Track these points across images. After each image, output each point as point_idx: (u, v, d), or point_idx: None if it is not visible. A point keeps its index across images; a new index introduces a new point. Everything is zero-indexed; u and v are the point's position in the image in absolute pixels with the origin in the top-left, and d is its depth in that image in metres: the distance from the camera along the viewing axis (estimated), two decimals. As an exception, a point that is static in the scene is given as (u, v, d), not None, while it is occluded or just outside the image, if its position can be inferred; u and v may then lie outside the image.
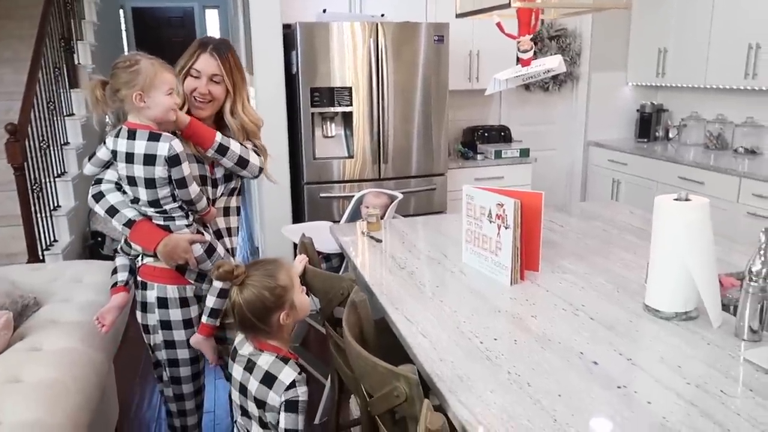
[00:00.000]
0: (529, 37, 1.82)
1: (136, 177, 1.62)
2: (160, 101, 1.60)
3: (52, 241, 3.71)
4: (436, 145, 3.76)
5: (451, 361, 1.29)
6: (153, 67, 1.60)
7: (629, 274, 1.79)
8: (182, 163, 1.63)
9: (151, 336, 1.80)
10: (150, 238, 1.67)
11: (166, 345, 1.78)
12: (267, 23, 3.43)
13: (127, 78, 1.57)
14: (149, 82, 1.57)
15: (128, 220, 1.68)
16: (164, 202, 1.66)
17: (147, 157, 1.60)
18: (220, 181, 1.83)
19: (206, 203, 1.76)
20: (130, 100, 1.58)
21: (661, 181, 4.01)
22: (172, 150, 1.60)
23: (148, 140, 1.60)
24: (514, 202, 1.65)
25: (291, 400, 1.42)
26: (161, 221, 1.69)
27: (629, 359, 1.28)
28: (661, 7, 4.25)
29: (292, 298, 1.49)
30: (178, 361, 1.81)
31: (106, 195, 1.70)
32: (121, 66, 1.58)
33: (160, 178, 1.61)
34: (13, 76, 4.64)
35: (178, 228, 1.69)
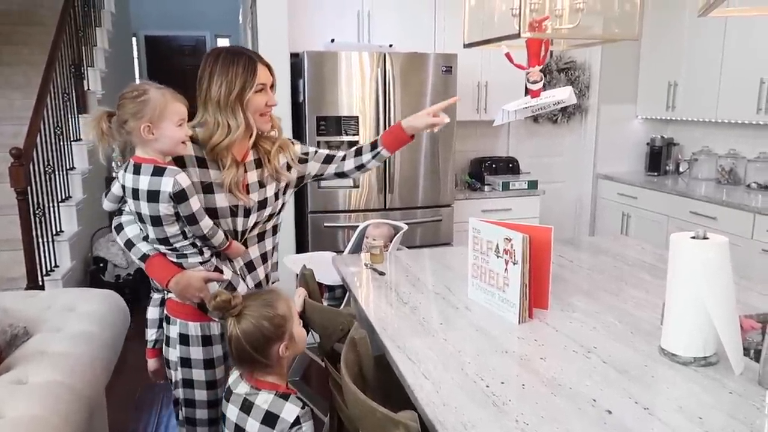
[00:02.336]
0: (538, 68, 1.78)
1: (143, 214, 1.53)
2: (170, 133, 1.50)
3: (53, 266, 3.67)
4: (443, 175, 3.71)
5: (454, 407, 1.21)
6: (163, 97, 1.50)
7: (642, 314, 1.71)
8: (190, 198, 1.51)
9: (172, 372, 1.70)
10: (162, 275, 1.58)
11: (185, 383, 1.68)
12: (275, 51, 3.42)
13: (135, 108, 1.47)
14: (159, 113, 1.48)
15: (143, 255, 1.60)
16: (174, 240, 1.56)
17: (151, 194, 1.49)
18: (254, 209, 1.69)
19: (224, 237, 1.62)
20: (137, 132, 1.48)
21: (672, 215, 3.93)
22: (177, 185, 1.48)
23: (152, 175, 1.49)
24: (523, 237, 1.59)
25: None
26: (174, 258, 1.59)
27: (646, 408, 1.20)
28: (672, 40, 4.23)
29: (291, 329, 1.44)
30: (195, 402, 1.70)
31: (125, 227, 1.62)
32: (129, 96, 1.49)
33: (165, 216, 1.50)
34: (23, 101, 4.67)
35: (191, 265, 1.59)
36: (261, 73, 1.61)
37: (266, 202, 1.72)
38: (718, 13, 1.48)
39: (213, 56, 1.62)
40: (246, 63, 1.59)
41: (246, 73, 1.58)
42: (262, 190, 1.71)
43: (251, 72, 1.59)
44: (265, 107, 1.65)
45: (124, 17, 6.78)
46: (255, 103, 1.62)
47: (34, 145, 3.54)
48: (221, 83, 1.57)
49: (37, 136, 3.59)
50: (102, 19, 5.64)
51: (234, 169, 1.62)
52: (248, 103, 1.60)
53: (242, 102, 1.59)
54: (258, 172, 1.71)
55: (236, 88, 1.57)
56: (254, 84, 1.59)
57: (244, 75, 1.58)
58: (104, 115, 1.50)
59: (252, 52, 1.66)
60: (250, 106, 1.60)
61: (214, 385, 1.70)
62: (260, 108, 1.64)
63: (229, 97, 1.57)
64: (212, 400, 1.70)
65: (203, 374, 1.67)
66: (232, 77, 1.57)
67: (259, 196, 1.70)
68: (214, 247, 1.61)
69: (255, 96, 1.61)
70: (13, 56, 5.15)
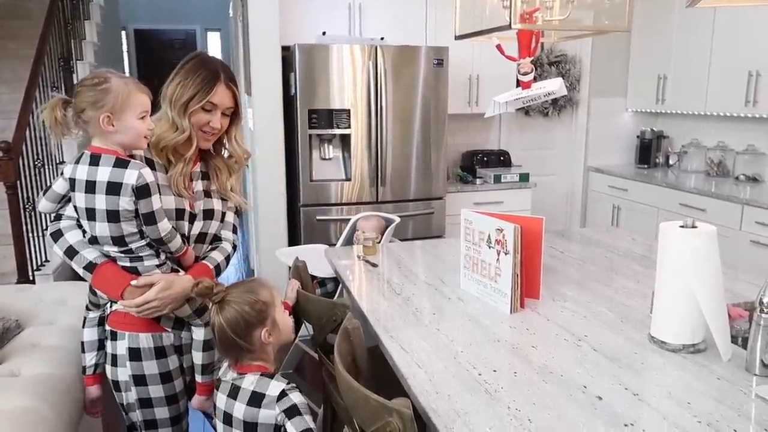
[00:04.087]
0: (529, 59, 1.79)
1: (97, 209, 1.41)
2: (132, 125, 1.41)
3: (44, 261, 3.64)
4: (435, 168, 3.72)
5: (447, 395, 1.22)
6: (126, 87, 1.40)
7: (633, 303, 1.73)
8: (152, 195, 1.43)
9: (123, 394, 1.57)
10: (114, 284, 1.47)
11: (141, 404, 1.55)
12: (266, 45, 3.42)
13: (95, 97, 1.37)
14: (120, 104, 1.38)
15: (89, 263, 1.46)
16: (129, 240, 1.45)
17: (111, 186, 1.39)
18: (199, 217, 1.62)
19: (180, 242, 1.54)
20: (96, 122, 1.38)
21: (662, 207, 3.96)
22: (141, 179, 1.40)
23: (113, 167, 1.39)
24: (514, 227, 1.60)
25: (288, 407, 1.34)
26: (127, 262, 1.48)
27: (635, 394, 1.22)
28: (661, 33, 4.26)
29: (274, 315, 1.44)
30: (156, 422, 1.59)
31: (64, 234, 1.49)
32: (88, 83, 1.39)
33: (125, 211, 1.41)
34: (10, 95, 4.63)
35: (147, 269, 1.49)
36: (218, 94, 1.56)
37: (212, 214, 1.66)
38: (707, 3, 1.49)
39: (188, 57, 1.60)
40: (207, 77, 1.55)
41: (202, 85, 1.54)
42: (209, 200, 1.66)
43: (208, 88, 1.54)
44: (206, 126, 1.58)
45: (113, 10, 6.72)
46: (197, 120, 1.56)
47: (24, 139, 3.51)
48: (178, 84, 1.55)
49: (26, 130, 3.56)
50: (91, 12, 5.58)
51: (181, 164, 1.56)
52: (191, 114, 1.55)
53: (186, 112, 1.54)
54: (204, 183, 1.67)
55: (186, 96, 1.53)
56: (204, 100, 1.54)
57: (198, 87, 1.54)
58: (59, 102, 1.40)
59: (225, 71, 1.60)
60: (192, 118, 1.55)
61: (174, 400, 1.60)
62: (200, 124, 1.58)
63: (179, 101, 1.54)
64: (174, 416, 1.61)
65: (161, 389, 1.56)
66: (189, 84, 1.54)
67: (205, 205, 1.65)
68: (169, 252, 1.54)
69: (200, 111, 1.56)
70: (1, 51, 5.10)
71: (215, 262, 1.66)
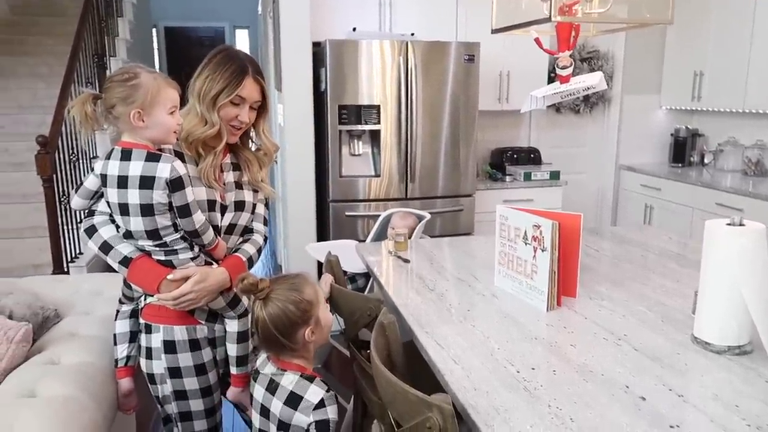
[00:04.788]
0: (568, 53, 1.76)
1: (130, 204, 1.41)
2: (162, 121, 1.41)
3: (77, 253, 3.71)
4: (464, 165, 3.69)
5: (486, 391, 1.20)
6: (155, 82, 1.40)
7: (672, 303, 1.69)
8: (186, 187, 1.43)
9: (159, 387, 1.58)
10: (150, 278, 1.48)
11: (176, 396, 1.57)
12: (297, 41, 3.42)
13: (125, 93, 1.37)
14: (150, 99, 1.38)
15: (124, 258, 1.47)
16: (164, 233, 1.45)
17: (144, 180, 1.39)
18: (230, 208, 1.63)
19: (213, 234, 1.54)
20: (126, 118, 1.38)
21: (697, 207, 3.87)
22: (174, 172, 1.40)
23: (145, 161, 1.40)
24: (552, 223, 1.57)
25: (321, 420, 1.35)
26: (162, 256, 1.48)
27: (680, 395, 1.18)
28: (698, 28, 4.16)
29: (318, 313, 1.43)
30: (191, 414, 1.59)
31: (98, 229, 1.49)
32: (118, 79, 1.38)
33: (158, 204, 1.41)
34: (47, 90, 4.73)
35: (181, 263, 1.49)
36: (247, 88, 1.56)
37: (243, 205, 1.66)
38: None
39: (215, 52, 1.60)
40: (235, 71, 1.55)
41: (231, 79, 1.54)
42: (240, 191, 1.66)
43: (236, 82, 1.54)
44: (235, 120, 1.58)
45: (144, 8, 6.82)
46: (225, 113, 1.56)
47: (59, 133, 3.58)
48: (206, 78, 1.54)
49: (61, 125, 3.63)
50: (124, 10, 5.68)
51: (211, 157, 1.57)
52: (220, 108, 1.55)
53: (215, 105, 1.54)
54: (236, 174, 1.67)
55: (214, 90, 1.53)
56: (232, 94, 1.54)
57: (227, 81, 1.53)
58: (89, 97, 1.39)
59: (252, 64, 1.59)
60: (221, 112, 1.55)
61: (209, 392, 1.61)
62: (229, 118, 1.58)
63: (207, 95, 1.53)
64: (209, 408, 1.62)
65: (196, 382, 1.57)
66: (217, 77, 1.54)
67: (236, 197, 1.65)
68: (202, 245, 1.53)
69: (228, 105, 1.56)
70: (36, 47, 5.22)
71: (248, 254, 1.66)
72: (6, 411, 1.38)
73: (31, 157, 3.59)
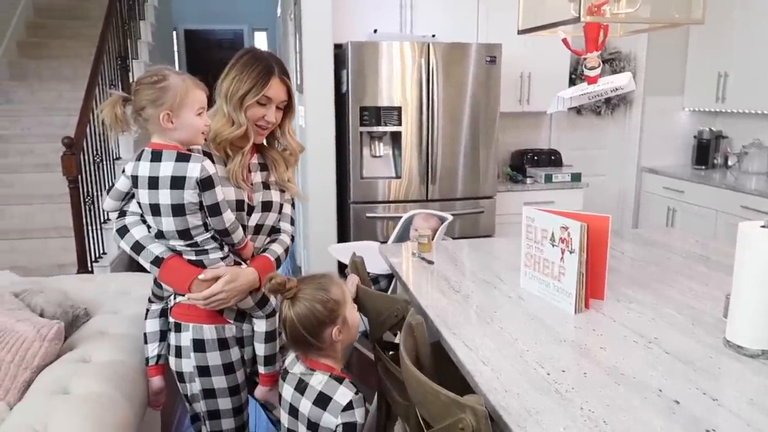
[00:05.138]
0: (596, 53, 1.75)
1: (161, 204, 1.43)
2: (190, 122, 1.42)
3: (101, 253, 3.76)
4: (485, 167, 3.68)
5: (517, 393, 1.20)
6: (184, 84, 1.42)
7: (702, 306, 1.67)
8: (216, 186, 1.44)
9: (188, 385, 1.61)
10: (181, 278, 1.49)
11: (205, 394, 1.59)
12: (319, 43, 3.44)
13: (154, 95, 1.39)
14: (179, 101, 1.40)
15: (155, 258, 1.49)
16: (195, 233, 1.47)
17: (175, 180, 1.40)
18: (257, 209, 1.64)
19: (242, 234, 1.56)
20: (155, 120, 1.39)
21: (721, 210, 3.82)
22: (204, 171, 1.41)
23: (176, 161, 1.41)
24: (581, 225, 1.56)
25: (349, 422, 1.35)
26: (192, 256, 1.50)
27: (714, 399, 1.17)
28: (722, 29, 4.10)
29: (345, 313, 1.44)
30: (219, 412, 1.61)
31: (130, 229, 1.51)
32: (147, 81, 1.40)
33: (189, 204, 1.42)
34: (71, 92, 4.81)
35: (212, 262, 1.51)
36: (273, 88, 1.57)
37: (271, 206, 1.67)
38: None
39: (242, 53, 1.62)
40: (262, 71, 1.56)
41: (257, 79, 1.55)
42: (267, 192, 1.67)
43: (263, 82, 1.55)
44: (261, 120, 1.60)
45: (166, 11, 6.90)
46: (252, 114, 1.58)
47: (84, 135, 3.64)
48: (233, 79, 1.56)
49: (86, 127, 3.68)
50: (146, 13, 5.75)
51: (239, 157, 1.58)
52: (247, 108, 1.56)
53: (242, 105, 1.55)
54: (263, 174, 1.68)
55: (242, 91, 1.55)
56: (259, 94, 1.55)
57: (254, 81, 1.55)
58: (119, 99, 1.41)
59: (278, 65, 1.61)
60: (248, 112, 1.57)
61: (236, 390, 1.63)
62: (256, 118, 1.59)
63: (234, 96, 1.55)
64: (236, 407, 1.64)
65: (224, 380, 1.59)
66: (244, 78, 1.55)
67: (264, 197, 1.66)
68: (231, 244, 1.55)
69: (255, 106, 1.57)
70: (61, 49, 5.31)
71: (276, 254, 1.68)
72: (41, 407, 1.40)
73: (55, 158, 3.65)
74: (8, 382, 1.53)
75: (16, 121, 4.76)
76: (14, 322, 1.63)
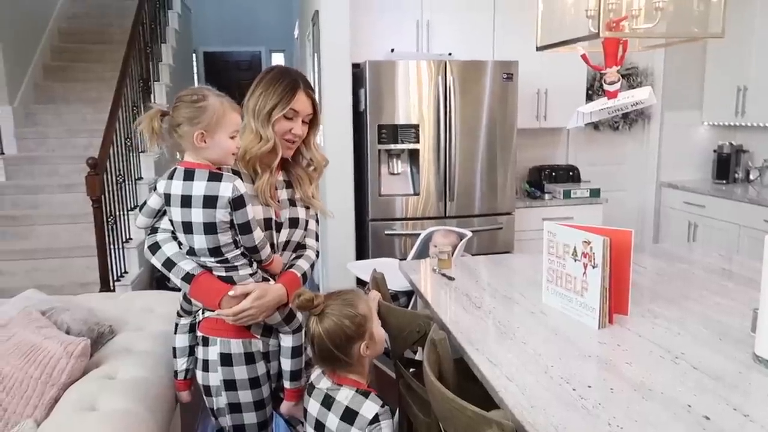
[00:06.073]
0: (616, 68, 1.75)
1: (194, 222, 1.45)
2: (223, 144, 1.45)
3: (123, 272, 3.81)
4: (503, 183, 3.68)
5: (543, 409, 1.19)
6: (221, 106, 1.44)
7: (729, 321, 1.64)
8: (246, 205, 1.46)
9: (214, 399, 1.61)
10: (211, 294, 1.51)
11: (231, 409, 1.59)
12: (337, 62, 3.49)
13: (192, 114, 1.41)
14: (215, 122, 1.42)
15: (186, 274, 1.51)
16: (225, 250, 1.49)
17: (207, 199, 1.43)
18: (285, 225, 1.66)
19: (270, 251, 1.58)
20: (190, 138, 1.42)
21: (744, 224, 3.77)
22: (236, 191, 1.43)
23: (208, 180, 1.44)
24: (604, 239, 1.56)
25: None
26: (223, 272, 1.52)
27: (746, 415, 1.15)
28: (741, 43, 4.08)
29: (372, 328, 1.45)
30: (244, 427, 1.63)
31: (162, 246, 1.54)
32: (187, 99, 1.43)
33: (221, 222, 1.45)
34: (94, 115, 4.92)
35: (241, 278, 1.53)
36: (299, 101, 1.61)
37: (297, 222, 1.69)
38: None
39: (267, 70, 1.67)
40: (288, 85, 1.60)
41: (284, 94, 1.59)
42: (293, 209, 1.69)
43: (289, 96, 1.59)
44: (289, 133, 1.63)
45: (186, 34, 7.05)
46: (280, 127, 1.61)
47: (108, 155, 3.71)
48: (260, 95, 1.60)
49: (110, 148, 3.76)
50: (167, 36, 5.88)
51: (267, 174, 1.61)
52: (274, 124, 1.59)
53: (270, 121, 1.58)
54: (288, 192, 1.71)
55: (269, 105, 1.58)
56: (286, 108, 1.59)
57: (280, 95, 1.59)
58: (158, 113, 1.44)
59: (302, 79, 1.65)
60: (275, 126, 1.60)
61: (261, 405, 1.63)
62: (283, 132, 1.62)
63: (262, 111, 1.59)
64: (261, 422, 1.64)
65: (250, 395, 1.60)
66: (270, 93, 1.59)
67: (290, 214, 1.67)
68: (259, 260, 1.57)
69: (282, 120, 1.60)
70: (85, 73, 5.44)
71: (302, 270, 1.69)
72: (68, 424, 1.42)
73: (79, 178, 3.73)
74: (36, 399, 1.54)
75: (41, 143, 4.87)
76: (42, 340, 1.66)
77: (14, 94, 4.88)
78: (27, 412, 1.52)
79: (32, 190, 4.42)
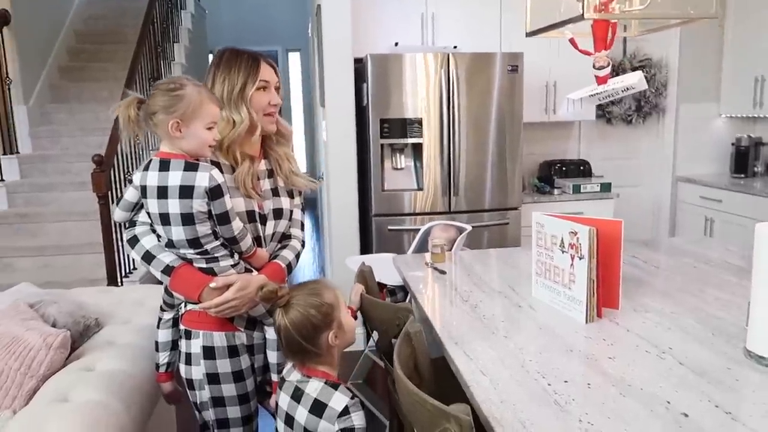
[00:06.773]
0: (605, 52, 1.69)
1: (171, 214, 1.42)
2: (198, 134, 1.42)
3: (131, 269, 3.84)
4: (510, 178, 3.60)
5: (512, 404, 1.14)
6: (199, 96, 1.41)
7: (726, 316, 1.57)
8: (224, 195, 1.44)
9: (197, 392, 1.59)
10: (191, 286, 1.49)
11: (214, 402, 1.57)
12: (339, 56, 3.46)
13: (168, 102, 1.39)
14: (191, 111, 1.39)
15: (166, 266, 1.48)
16: (205, 241, 1.46)
17: (184, 189, 1.40)
18: (270, 217, 1.64)
19: (251, 242, 1.55)
20: (165, 126, 1.39)
21: (762, 219, 3.62)
22: (213, 180, 1.41)
23: (184, 170, 1.41)
24: (589, 229, 1.50)
25: (347, 428, 1.31)
26: (203, 264, 1.49)
27: (728, 412, 1.08)
28: (758, 32, 3.94)
29: (340, 317, 1.41)
30: (228, 421, 1.60)
31: (140, 239, 1.52)
32: (164, 88, 1.41)
33: (198, 213, 1.42)
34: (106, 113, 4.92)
35: (222, 270, 1.50)
36: (264, 71, 1.59)
37: (282, 213, 1.67)
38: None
39: (218, 56, 1.62)
40: (248, 60, 1.58)
41: (248, 69, 1.57)
42: (277, 199, 1.67)
43: (253, 69, 1.57)
44: (269, 106, 1.61)
45: (200, 34, 7.10)
46: (258, 101, 1.59)
47: (115, 153, 3.73)
48: (224, 80, 1.57)
49: (117, 145, 3.78)
50: (180, 36, 5.92)
51: (248, 163, 1.58)
52: (251, 100, 1.57)
53: (245, 98, 1.56)
54: (270, 181, 1.68)
55: (238, 84, 1.56)
56: (256, 80, 1.57)
57: (246, 71, 1.56)
58: (134, 101, 1.41)
59: (255, 52, 1.63)
60: (253, 104, 1.57)
61: (246, 399, 1.61)
62: (264, 107, 1.60)
63: (232, 94, 1.56)
64: (246, 416, 1.62)
65: (233, 388, 1.57)
66: (234, 73, 1.56)
67: (274, 205, 1.65)
68: (239, 252, 1.54)
69: (257, 93, 1.58)
70: (100, 72, 5.50)
71: (286, 260, 1.67)
72: (38, 415, 1.41)
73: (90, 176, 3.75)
74: (15, 390, 1.54)
75: (56, 142, 4.94)
76: (24, 332, 1.65)
77: (29, 94, 4.96)
78: (6, 404, 1.52)
79: (45, 188, 4.48)
